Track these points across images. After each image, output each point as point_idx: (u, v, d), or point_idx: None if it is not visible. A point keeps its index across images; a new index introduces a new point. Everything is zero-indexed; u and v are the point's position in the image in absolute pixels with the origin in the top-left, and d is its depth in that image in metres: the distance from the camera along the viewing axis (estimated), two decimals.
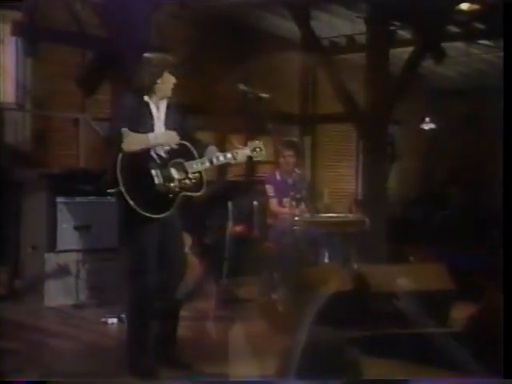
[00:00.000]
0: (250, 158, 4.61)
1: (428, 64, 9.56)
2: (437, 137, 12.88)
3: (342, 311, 5.08)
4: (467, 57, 10.66)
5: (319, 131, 11.59)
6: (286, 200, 6.75)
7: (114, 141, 4.28)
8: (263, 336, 5.47)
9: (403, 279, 5.42)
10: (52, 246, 6.79)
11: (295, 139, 8.62)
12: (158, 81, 4.44)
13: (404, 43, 9.61)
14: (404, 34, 9.66)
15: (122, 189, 4.25)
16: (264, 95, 4.71)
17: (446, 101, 12.90)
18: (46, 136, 8.41)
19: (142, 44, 7.38)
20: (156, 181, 4.32)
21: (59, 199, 6.85)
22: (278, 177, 6.93)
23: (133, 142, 4.27)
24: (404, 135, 12.96)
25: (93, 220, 6.89)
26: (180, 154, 4.45)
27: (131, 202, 4.25)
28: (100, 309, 6.46)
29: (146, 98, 4.45)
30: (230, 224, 6.44)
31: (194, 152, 4.51)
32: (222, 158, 4.53)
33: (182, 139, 4.48)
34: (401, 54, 9.35)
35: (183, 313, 4.80)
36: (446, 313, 5.52)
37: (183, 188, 4.39)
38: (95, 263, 6.91)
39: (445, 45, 9.07)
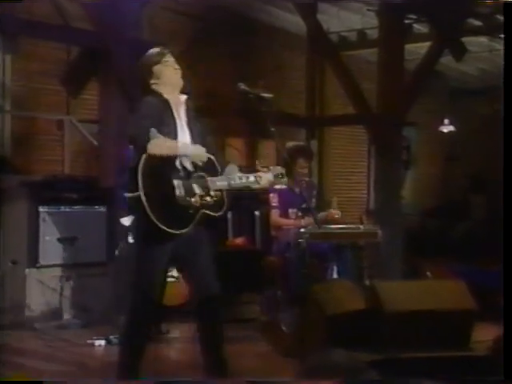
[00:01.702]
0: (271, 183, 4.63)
1: (447, 61, 9.60)
2: (457, 140, 12.91)
3: (352, 332, 5.09)
4: (490, 52, 10.69)
5: (327, 134, 11.59)
6: (291, 211, 6.74)
7: (140, 140, 4.26)
8: (266, 358, 5.48)
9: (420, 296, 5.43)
10: (33, 261, 6.81)
11: (303, 143, 8.63)
12: (152, 80, 4.45)
13: (420, 38, 9.66)
14: (420, 27, 9.70)
15: (142, 196, 4.21)
16: (266, 95, 4.73)
17: (467, 101, 12.93)
18: (28, 139, 8.44)
19: (132, 39, 7.43)
20: (177, 192, 4.28)
21: (42, 209, 6.87)
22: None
23: (160, 145, 4.26)
24: (421, 138, 12.99)
25: (79, 231, 6.91)
26: (204, 168, 4.43)
27: (150, 213, 4.21)
28: (86, 330, 6.47)
29: (166, 94, 4.46)
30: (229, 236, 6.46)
31: (218, 167, 4.49)
32: (243, 181, 4.51)
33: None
34: (417, 49, 9.39)
35: (180, 334, 4.82)
36: (468, 335, 5.52)
37: (203, 205, 4.37)
38: (81, 279, 6.93)
39: (465, 39, 9.10)
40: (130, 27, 7.40)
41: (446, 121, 12.67)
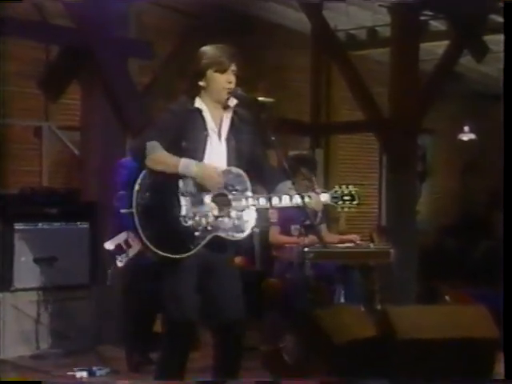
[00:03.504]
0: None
1: (467, 61, 9.64)
2: (478, 149, 12.93)
3: (361, 362, 5.10)
4: None
5: (334, 143, 11.63)
6: (294, 227, 6.75)
7: (138, 153, 4.27)
8: None
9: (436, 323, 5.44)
10: (7, 284, 6.79)
11: (306, 152, 8.64)
12: (201, 82, 4.38)
13: (437, 36, 9.70)
14: (437, 25, 9.75)
15: (135, 213, 4.21)
16: (266, 100, 4.75)
17: (489, 105, 12.96)
18: (1, 148, 8.46)
19: (118, 37, 7.47)
20: (183, 212, 4.27)
21: (17, 226, 6.87)
22: None
23: (159, 160, 4.24)
24: (438, 147, 13.03)
25: (58, 251, 6.90)
26: (227, 184, 4.36)
27: (141, 233, 4.22)
28: (66, 360, 6.46)
29: (197, 102, 4.39)
30: None
31: (248, 185, 4.42)
32: (286, 202, 4.42)
33: (244, 165, 4.41)
34: (433, 49, 9.44)
35: None
36: (490, 367, 5.52)
37: (218, 227, 4.33)
38: (61, 304, 6.93)
39: (487, 38, 9.14)
40: (116, 24, 7.43)
41: (466, 128, 12.71)
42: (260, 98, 4.65)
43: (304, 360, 5.66)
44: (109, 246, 5.60)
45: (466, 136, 12.78)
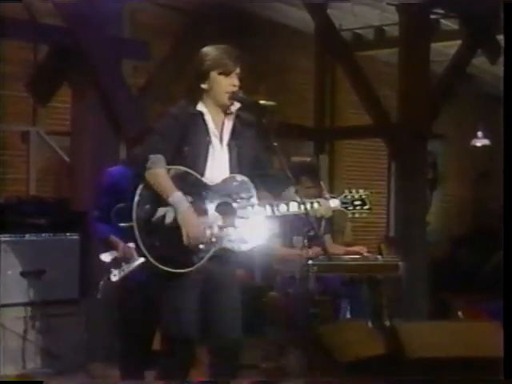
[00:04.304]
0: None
1: (480, 62, 9.63)
2: (492, 156, 12.92)
3: (369, 382, 5.07)
4: None
5: (339, 148, 11.63)
6: (296, 239, 6.74)
7: (139, 164, 4.28)
8: None
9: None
10: None
11: (309, 159, 8.64)
12: (204, 85, 4.38)
13: (449, 36, 9.69)
14: (449, 23, 9.74)
15: (135, 227, 4.22)
16: (268, 103, 4.73)
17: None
18: None
19: (111, 36, 7.46)
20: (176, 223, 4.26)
21: (3, 237, 6.85)
22: None
23: (155, 179, 4.25)
24: (449, 154, 13.02)
25: (47, 264, 6.89)
26: (231, 193, 4.37)
27: (143, 247, 4.22)
28: (55, 380, 6.43)
29: (199, 106, 4.39)
30: None
31: (254, 192, 4.42)
32: (294, 209, 4.43)
33: (247, 171, 4.41)
34: (445, 49, 9.43)
35: None
36: None
37: (223, 239, 4.32)
38: (49, 320, 6.91)
39: (501, 37, 9.13)
40: (109, 23, 7.42)
41: (480, 133, 12.69)
42: (261, 101, 4.62)
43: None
44: (105, 257, 5.59)
45: (480, 141, 12.76)
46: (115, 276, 5.50)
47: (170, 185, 4.26)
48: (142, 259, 5.23)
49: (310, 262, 6.36)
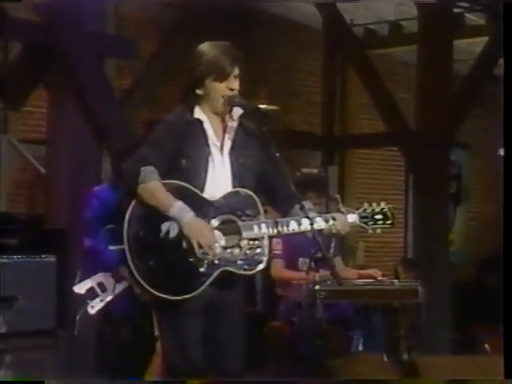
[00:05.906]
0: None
1: None
2: None
3: None
4: None
5: (350, 159, 11.64)
6: (302, 261, 6.75)
7: (129, 178, 4.28)
8: None
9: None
10: None
11: (316, 171, 8.65)
12: (199, 91, 4.37)
13: (474, 32, 9.71)
14: (474, 18, 9.76)
15: (127, 250, 4.21)
16: (270, 108, 4.74)
17: None
18: None
19: (93, 32, 7.47)
20: (184, 245, 4.25)
21: None
22: None
23: (151, 193, 4.24)
24: (474, 164, 13.02)
25: (19, 289, 6.88)
26: (235, 209, 4.36)
27: (136, 273, 4.21)
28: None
29: (197, 112, 4.39)
30: None
31: (260, 208, 4.41)
32: (305, 226, 4.45)
33: (252, 185, 4.41)
34: (470, 47, 9.44)
35: None
36: None
37: (226, 260, 4.31)
38: (22, 353, 6.90)
39: None
40: (90, 17, 7.44)
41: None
42: (262, 106, 4.62)
43: None
44: (78, 289, 5.58)
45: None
46: (93, 308, 5.49)
47: (168, 196, 4.25)
48: (122, 286, 5.24)
49: (318, 287, 6.37)
